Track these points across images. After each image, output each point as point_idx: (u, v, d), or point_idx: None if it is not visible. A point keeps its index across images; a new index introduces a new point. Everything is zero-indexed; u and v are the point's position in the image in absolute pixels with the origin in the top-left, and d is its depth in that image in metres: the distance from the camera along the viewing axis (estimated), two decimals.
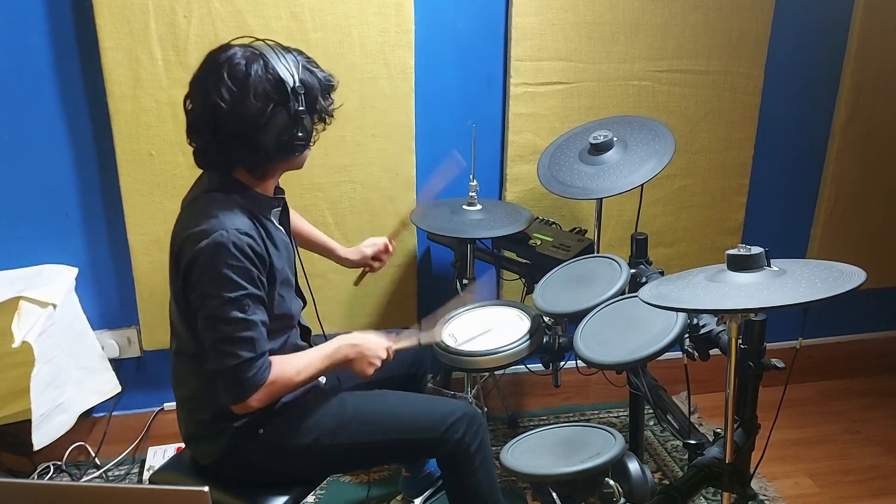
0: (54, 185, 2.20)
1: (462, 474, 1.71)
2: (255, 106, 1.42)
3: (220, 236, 1.40)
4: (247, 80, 1.42)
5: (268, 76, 1.43)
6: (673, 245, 2.65)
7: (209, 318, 1.43)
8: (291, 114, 1.45)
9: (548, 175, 2.13)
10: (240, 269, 1.41)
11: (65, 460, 2.37)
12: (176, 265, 1.48)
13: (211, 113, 1.44)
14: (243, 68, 1.42)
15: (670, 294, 1.32)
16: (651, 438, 2.59)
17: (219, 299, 1.41)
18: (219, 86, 1.42)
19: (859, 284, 1.19)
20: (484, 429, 1.73)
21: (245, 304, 1.42)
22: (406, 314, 2.51)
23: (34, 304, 2.00)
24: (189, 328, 1.52)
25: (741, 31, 2.47)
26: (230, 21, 2.12)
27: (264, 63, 1.44)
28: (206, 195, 1.51)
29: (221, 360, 1.43)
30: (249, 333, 1.43)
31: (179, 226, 1.51)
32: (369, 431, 1.64)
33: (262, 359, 1.46)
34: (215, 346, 1.43)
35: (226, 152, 1.48)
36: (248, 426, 1.56)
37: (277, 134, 1.45)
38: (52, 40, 2.10)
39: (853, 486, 2.37)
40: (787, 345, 2.36)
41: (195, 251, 1.42)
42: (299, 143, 1.48)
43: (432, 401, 1.77)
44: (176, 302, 1.55)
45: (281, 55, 1.46)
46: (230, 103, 1.42)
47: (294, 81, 1.45)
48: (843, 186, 2.72)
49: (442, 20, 2.30)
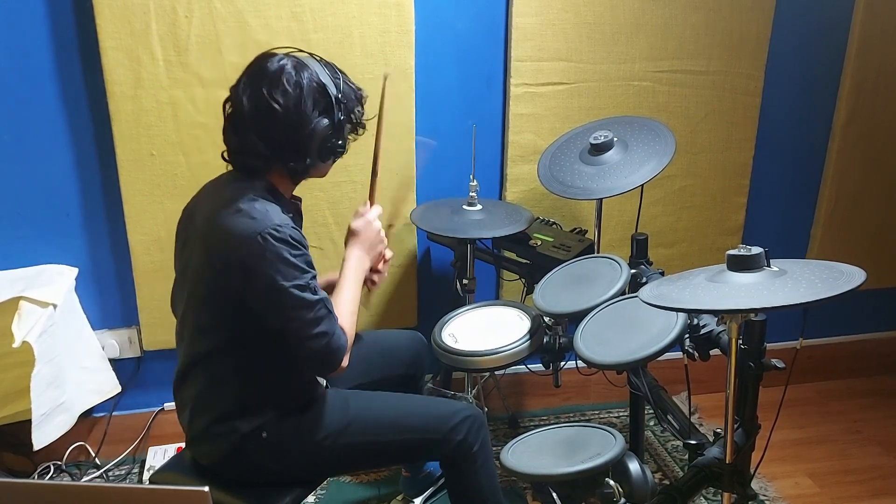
0: (55, 185, 2.20)
1: (464, 474, 1.71)
2: (308, 111, 1.50)
3: (277, 231, 1.44)
4: (300, 86, 1.49)
5: (315, 84, 1.51)
6: (673, 245, 2.65)
7: (288, 308, 1.46)
8: (335, 122, 1.54)
9: (548, 175, 2.13)
10: (300, 256, 1.48)
11: (65, 460, 2.37)
12: (225, 267, 1.47)
13: (263, 115, 1.49)
14: (295, 76, 1.49)
15: (670, 294, 1.32)
16: (651, 438, 2.59)
17: (294, 289, 1.45)
18: (273, 89, 1.48)
19: (859, 284, 1.19)
20: (486, 430, 1.74)
21: (314, 286, 1.49)
22: (406, 314, 2.51)
23: (35, 304, 2.00)
24: (217, 327, 1.53)
25: (741, 32, 2.47)
26: (231, 21, 2.12)
27: (311, 72, 1.52)
28: (242, 196, 1.50)
29: (313, 342, 1.49)
30: (325, 310, 1.50)
31: (220, 229, 1.48)
32: (372, 433, 1.65)
33: (338, 326, 1.53)
34: (302, 333, 1.48)
35: (270, 154, 1.52)
36: (252, 429, 1.56)
37: (321, 140, 1.53)
38: (53, 40, 2.10)
39: (853, 486, 2.37)
40: (787, 345, 2.36)
41: (254, 249, 1.43)
42: (339, 150, 1.58)
43: (434, 402, 1.78)
44: (202, 303, 1.54)
45: (323, 66, 1.55)
46: (284, 107, 1.48)
47: (336, 91, 1.53)
48: (843, 186, 2.72)
49: (442, 20, 2.31)
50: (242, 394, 1.57)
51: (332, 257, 2.33)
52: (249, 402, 1.57)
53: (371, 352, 1.93)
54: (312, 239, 2.35)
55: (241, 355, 1.56)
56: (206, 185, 1.64)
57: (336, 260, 2.08)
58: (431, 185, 2.42)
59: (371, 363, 1.91)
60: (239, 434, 1.56)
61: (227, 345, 1.55)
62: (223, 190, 1.56)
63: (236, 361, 1.56)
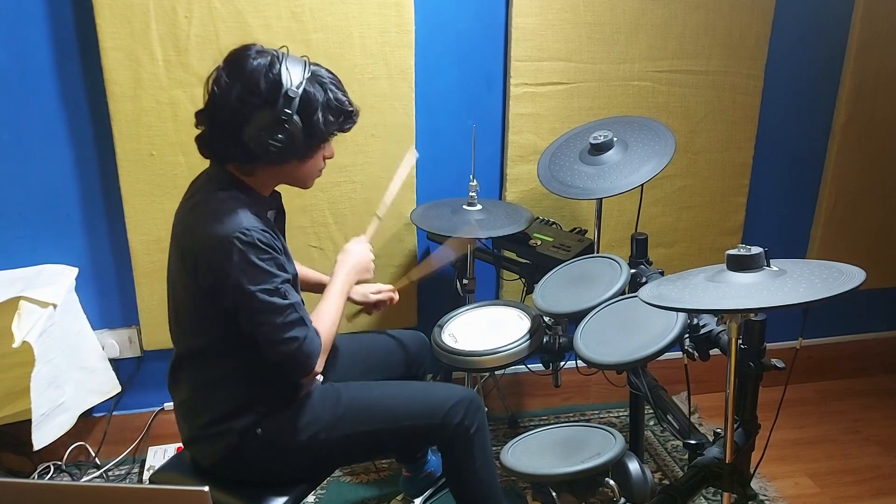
0: (55, 185, 2.20)
1: (462, 456, 1.72)
2: (241, 96, 1.44)
3: (244, 234, 1.44)
4: (244, 71, 1.45)
5: (267, 74, 1.45)
6: (673, 245, 2.65)
7: (257, 312, 1.46)
8: (277, 116, 1.45)
9: (548, 175, 2.13)
10: (269, 260, 1.47)
11: (65, 460, 2.37)
12: (194, 268, 1.48)
13: (210, 99, 1.49)
14: (246, 61, 1.46)
15: (670, 294, 1.32)
16: (651, 438, 2.59)
17: (262, 293, 1.45)
18: (220, 73, 1.48)
19: (859, 284, 1.19)
20: (482, 412, 1.74)
21: (284, 291, 1.48)
22: (406, 314, 2.51)
23: (34, 304, 2.00)
24: (203, 327, 1.54)
25: (741, 32, 2.47)
26: (231, 21, 2.12)
27: (271, 63, 1.46)
28: (212, 196, 1.51)
29: (282, 347, 1.48)
30: (296, 314, 1.49)
31: (190, 230, 1.50)
32: (367, 422, 1.65)
33: (311, 330, 1.52)
34: (271, 337, 1.47)
35: (216, 141, 1.52)
36: (246, 427, 1.56)
37: (258, 132, 1.45)
38: (53, 40, 2.10)
39: (853, 486, 2.37)
40: (787, 345, 2.36)
41: (222, 253, 1.43)
42: (277, 145, 1.46)
43: (430, 387, 1.79)
44: (185, 303, 1.55)
45: (295, 63, 1.48)
46: (223, 90, 1.46)
47: (291, 86, 1.45)
48: (843, 186, 2.72)
49: (442, 20, 2.30)
50: (234, 393, 1.57)
51: (332, 257, 2.29)
52: (242, 400, 1.57)
53: (372, 351, 1.94)
54: (312, 239, 2.35)
55: (228, 355, 1.56)
56: (190, 184, 1.64)
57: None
58: (431, 185, 2.42)
59: (372, 363, 1.91)
60: (234, 433, 1.56)
61: (210, 345, 1.55)
62: (196, 190, 1.58)
63: (225, 361, 1.56)
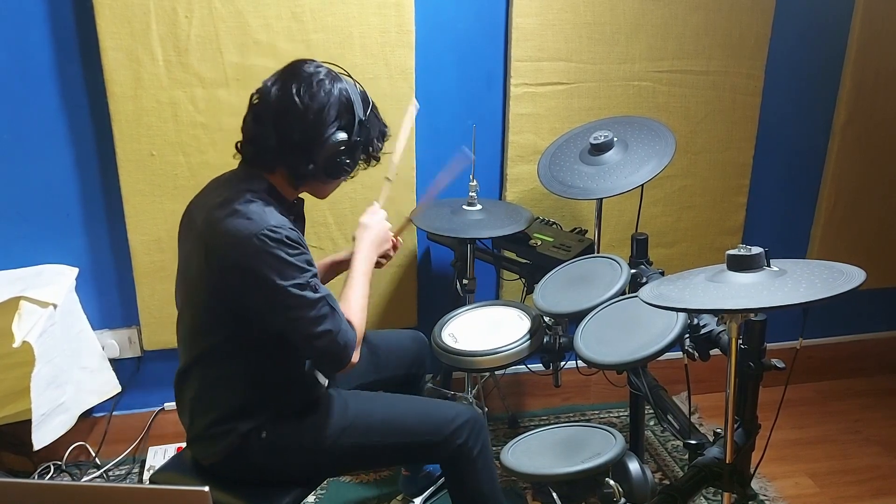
0: (55, 185, 2.20)
1: (465, 477, 1.72)
2: (328, 119, 1.51)
3: (273, 231, 1.44)
4: (328, 93, 1.52)
5: (344, 99, 1.54)
6: (673, 245, 2.65)
7: (289, 308, 1.46)
8: (351, 140, 1.55)
9: (548, 175, 2.14)
10: (298, 255, 1.47)
11: (65, 460, 2.38)
12: (220, 266, 1.47)
13: (283, 109, 1.50)
14: (328, 84, 1.52)
15: (670, 294, 1.32)
16: (651, 438, 2.59)
17: (293, 288, 1.45)
18: (301, 88, 1.50)
19: (859, 284, 1.19)
20: (486, 432, 1.74)
21: (315, 285, 1.49)
22: (406, 314, 2.51)
23: (35, 304, 2.00)
24: (214, 327, 1.53)
25: (741, 32, 2.47)
26: (231, 21, 2.12)
27: (343, 87, 1.55)
28: (241, 195, 1.51)
29: (317, 341, 1.48)
30: (328, 307, 1.49)
31: (217, 227, 1.48)
32: (371, 435, 1.65)
33: (344, 322, 1.53)
34: (305, 331, 1.48)
35: (278, 149, 1.53)
36: (250, 430, 1.56)
37: (330, 153, 1.54)
38: (53, 40, 2.10)
39: (853, 486, 2.37)
40: (787, 345, 2.36)
41: (251, 249, 1.43)
42: (345, 169, 1.58)
43: (435, 405, 1.78)
44: (199, 303, 1.55)
45: (358, 87, 1.60)
46: (307, 106, 1.50)
47: (363, 114, 1.57)
48: (843, 186, 2.73)
49: (442, 20, 2.31)
50: (242, 395, 1.57)
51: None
52: (249, 402, 1.57)
53: (372, 351, 1.93)
54: (312, 239, 2.35)
55: (239, 356, 1.56)
56: (209, 184, 1.64)
57: None
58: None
59: (372, 363, 1.91)
60: (238, 434, 1.56)
61: (225, 346, 1.55)
62: (223, 189, 1.56)
63: (235, 362, 1.56)
